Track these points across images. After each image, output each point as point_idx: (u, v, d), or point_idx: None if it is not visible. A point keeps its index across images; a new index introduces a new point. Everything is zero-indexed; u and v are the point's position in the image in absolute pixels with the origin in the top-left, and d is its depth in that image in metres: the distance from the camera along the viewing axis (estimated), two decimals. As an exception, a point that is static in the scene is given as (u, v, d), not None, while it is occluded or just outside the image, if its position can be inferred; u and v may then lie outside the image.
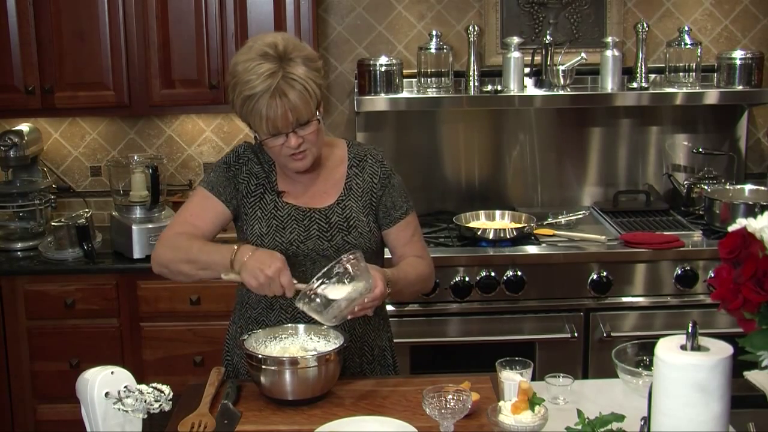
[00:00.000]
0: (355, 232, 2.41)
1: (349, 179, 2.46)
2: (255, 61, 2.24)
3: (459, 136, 4.10)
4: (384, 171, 2.48)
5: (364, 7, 4.06)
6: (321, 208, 2.43)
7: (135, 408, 1.96)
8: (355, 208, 2.44)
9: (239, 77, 2.25)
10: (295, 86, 2.23)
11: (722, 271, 1.65)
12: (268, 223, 2.41)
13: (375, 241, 2.46)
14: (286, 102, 2.23)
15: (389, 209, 2.47)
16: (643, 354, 2.26)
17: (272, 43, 2.26)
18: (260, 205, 2.43)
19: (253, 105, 2.24)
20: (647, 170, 4.16)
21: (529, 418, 1.94)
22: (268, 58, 2.24)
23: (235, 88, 2.27)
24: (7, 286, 3.60)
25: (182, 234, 2.39)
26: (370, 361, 2.52)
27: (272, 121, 2.24)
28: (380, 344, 2.55)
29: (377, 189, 2.46)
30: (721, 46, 4.09)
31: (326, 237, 2.40)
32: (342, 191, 2.45)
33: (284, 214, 2.42)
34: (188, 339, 3.62)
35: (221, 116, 4.12)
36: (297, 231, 2.40)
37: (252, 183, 2.44)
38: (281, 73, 2.22)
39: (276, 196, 2.43)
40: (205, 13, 3.71)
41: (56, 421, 3.63)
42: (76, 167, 4.19)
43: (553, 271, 3.52)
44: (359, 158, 2.48)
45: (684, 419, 1.64)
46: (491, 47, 4.05)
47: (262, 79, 2.22)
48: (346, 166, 2.48)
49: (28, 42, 3.70)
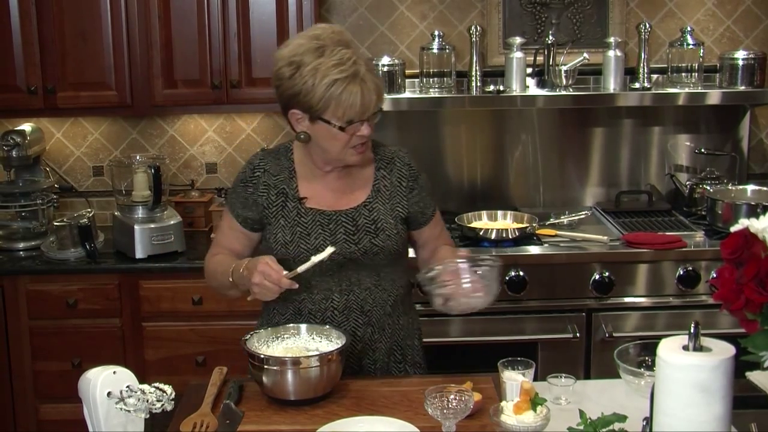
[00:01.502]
0: (383, 235, 2.40)
1: (378, 181, 2.45)
2: (331, 49, 2.23)
3: (461, 137, 4.10)
4: (412, 173, 2.49)
5: (367, 7, 4.06)
6: (347, 210, 2.42)
7: (137, 408, 1.96)
8: (383, 210, 2.43)
9: (322, 63, 2.23)
10: (373, 72, 2.29)
11: (724, 272, 1.65)
12: (292, 231, 2.40)
13: (401, 242, 2.46)
14: (371, 87, 2.25)
15: (422, 210, 2.49)
16: (645, 354, 2.26)
17: (339, 31, 2.29)
18: (283, 213, 2.42)
19: (342, 89, 2.23)
20: (649, 170, 4.16)
21: (531, 419, 1.94)
22: (343, 44, 2.26)
23: (315, 71, 2.23)
24: (10, 286, 3.60)
25: (215, 256, 2.51)
26: (398, 360, 2.52)
27: (363, 105, 2.25)
28: (410, 343, 2.55)
29: (405, 191, 2.47)
30: (724, 46, 4.09)
31: (353, 240, 2.39)
32: (370, 193, 2.44)
33: (308, 220, 2.41)
34: (190, 339, 3.62)
35: (223, 116, 4.12)
36: (323, 236, 2.39)
37: (272, 194, 2.44)
38: (355, 58, 2.25)
39: (298, 203, 2.42)
40: (207, 13, 3.71)
41: (58, 420, 3.63)
42: (78, 167, 4.19)
43: (555, 272, 3.52)
44: (387, 160, 2.48)
45: (686, 420, 1.64)
46: (493, 47, 4.05)
47: (348, 65, 2.22)
48: (373, 167, 2.47)
49: (30, 42, 3.70)
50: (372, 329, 2.45)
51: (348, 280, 2.42)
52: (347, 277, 2.42)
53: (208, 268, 2.52)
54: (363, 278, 2.43)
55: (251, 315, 3.42)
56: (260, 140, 4.13)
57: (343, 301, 2.42)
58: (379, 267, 2.43)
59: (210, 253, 2.54)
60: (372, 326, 2.45)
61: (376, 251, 2.39)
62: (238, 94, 3.77)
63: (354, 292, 2.42)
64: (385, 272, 2.45)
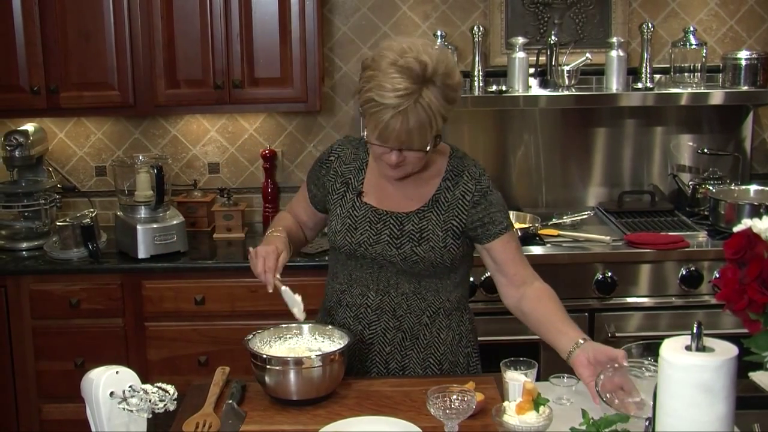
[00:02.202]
0: (426, 245, 2.36)
1: (439, 192, 2.40)
2: (399, 72, 2.17)
3: (463, 137, 4.10)
4: (479, 189, 2.41)
5: (369, 8, 4.06)
6: (399, 213, 2.40)
7: (140, 408, 1.96)
8: (434, 221, 2.38)
9: (377, 77, 2.19)
10: (421, 115, 2.18)
11: (727, 272, 1.65)
12: (343, 222, 2.42)
13: (449, 257, 2.39)
14: (406, 125, 2.18)
15: (486, 224, 2.39)
16: (648, 354, 2.25)
17: (424, 63, 2.17)
18: (341, 203, 2.45)
19: (375, 111, 2.19)
20: (652, 171, 4.15)
21: (533, 419, 1.94)
22: (412, 75, 2.17)
23: (369, 80, 2.21)
24: (13, 286, 3.61)
25: (284, 213, 2.67)
26: (436, 374, 2.46)
27: (385, 134, 2.21)
28: (452, 359, 2.49)
29: (468, 206, 2.39)
30: (727, 46, 4.09)
31: (395, 244, 2.37)
32: (427, 202, 2.40)
33: (360, 214, 2.42)
34: (193, 339, 3.62)
35: (226, 116, 4.12)
36: (368, 233, 2.39)
37: (338, 182, 2.47)
38: (416, 96, 2.17)
39: (356, 196, 2.43)
40: (210, 13, 3.71)
41: (61, 420, 3.63)
42: (81, 167, 4.19)
43: (557, 272, 3.51)
44: (456, 172, 2.42)
45: (689, 420, 1.63)
46: (496, 47, 4.04)
47: (397, 95, 2.16)
48: (441, 178, 2.42)
49: (33, 42, 3.70)
50: (403, 335, 2.43)
51: (386, 282, 2.41)
52: (386, 278, 2.41)
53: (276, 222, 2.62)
54: (402, 283, 2.41)
55: (254, 315, 3.45)
56: (263, 140, 4.13)
57: (378, 301, 2.42)
58: (421, 276, 2.40)
59: (285, 209, 2.71)
60: (403, 332, 2.43)
61: (416, 260, 2.36)
62: (240, 94, 3.77)
63: (390, 295, 2.41)
64: (427, 282, 2.41)
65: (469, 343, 2.54)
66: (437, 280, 2.42)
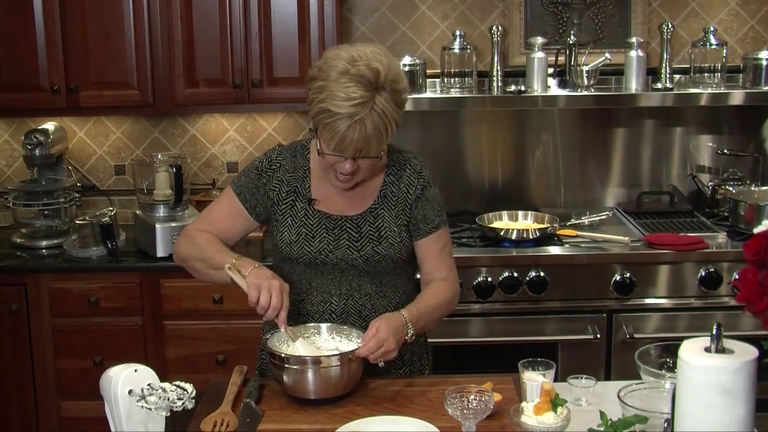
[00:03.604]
0: (385, 243, 2.39)
1: (385, 187, 2.43)
2: (351, 80, 2.17)
3: (482, 137, 4.09)
4: (421, 181, 2.44)
5: (388, 7, 4.06)
6: (353, 216, 2.41)
7: (158, 406, 1.97)
8: (387, 217, 2.41)
9: (329, 87, 2.19)
10: (377, 122, 2.20)
11: (747, 273, 1.64)
12: (297, 231, 2.40)
13: (406, 251, 2.43)
14: (363, 133, 2.19)
15: (419, 222, 2.43)
16: (667, 356, 2.24)
17: (376, 70, 2.18)
18: (291, 212, 2.42)
19: (330, 121, 2.19)
20: (671, 171, 4.14)
21: (551, 420, 1.93)
22: (365, 84, 2.18)
23: (320, 91, 2.21)
24: (32, 284, 3.63)
25: (204, 232, 2.42)
26: (398, 366, 2.49)
27: (341, 144, 2.21)
28: (412, 349, 2.51)
29: (411, 200, 2.42)
30: (747, 46, 4.06)
31: (356, 247, 2.38)
32: (376, 199, 2.42)
33: (314, 222, 2.40)
34: (211, 337, 3.63)
35: (244, 116, 4.13)
36: (326, 240, 2.39)
37: (283, 190, 2.43)
38: (370, 104, 2.18)
39: (307, 204, 2.42)
40: (229, 13, 3.72)
41: (80, 417, 3.65)
42: (100, 166, 4.21)
43: (576, 272, 3.51)
44: (398, 166, 2.44)
45: (708, 422, 1.63)
46: (515, 47, 4.04)
47: (352, 104, 2.17)
48: (384, 173, 2.44)
49: (54, 42, 3.73)
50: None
51: (348, 285, 2.41)
52: (348, 282, 2.41)
53: (192, 240, 2.43)
54: (364, 284, 2.42)
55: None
56: (281, 140, 4.13)
57: (342, 306, 2.42)
58: (382, 274, 2.42)
59: (195, 227, 2.46)
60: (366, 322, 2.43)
61: (378, 259, 2.38)
62: (259, 93, 3.78)
63: (353, 297, 2.42)
64: (388, 279, 2.44)
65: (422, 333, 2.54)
66: (396, 276, 2.45)
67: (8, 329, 3.64)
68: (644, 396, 2.00)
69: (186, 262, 2.46)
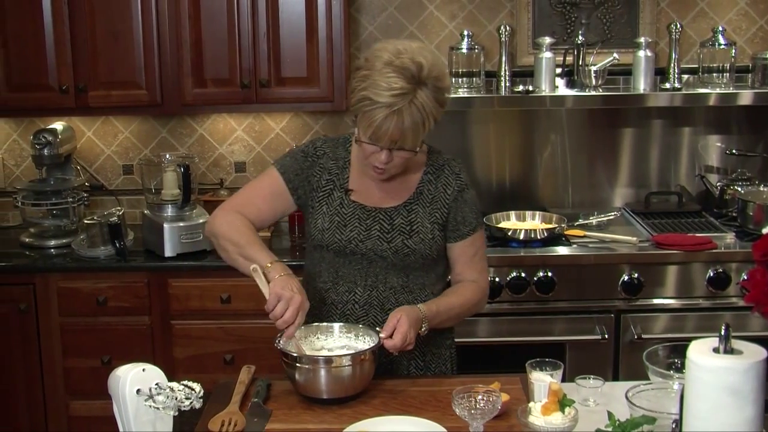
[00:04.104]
0: (416, 237, 2.40)
1: (422, 185, 2.45)
2: (394, 71, 2.21)
3: (490, 137, 4.09)
4: (459, 184, 2.46)
5: (396, 7, 4.06)
6: (386, 208, 2.43)
7: (166, 405, 1.97)
8: (421, 213, 2.43)
9: (372, 76, 2.22)
10: (415, 115, 2.22)
11: (756, 274, 1.64)
12: (330, 219, 2.42)
13: (436, 249, 2.44)
14: (400, 125, 2.22)
15: (458, 224, 2.45)
16: (675, 356, 2.24)
17: (419, 64, 2.22)
18: (327, 200, 2.44)
19: (369, 110, 2.22)
20: (679, 171, 4.13)
21: (559, 420, 1.93)
22: (407, 76, 2.21)
23: (364, 80, 2.24)
24: (41, 283, 3.64)
25: (242, 216, 2.41)
26: (420, 367, 2.50)
27: (377, 133, 2.24)
28: (436, 352, 2.52)
29: (449, 201, 2.45)
30: (756, 46, 4.05)
31: (386, 238, 2.40)
32: (412, 195, 2.44)
33: (348, 211, 2.43)
34: (219, 337, 3.64)
35: (252, 115, 4.13)
36: (358, 229, 2.41)
37: (324, 178, 2.46)
38: (411, 96, 2.21)
39: (344, 194, 2.44)
40: (237, 13, 3.72)
41: (88, 417, 3.66)
42: (108, 165, 4.22)
43: (583, 272, 3.50)
44: (437, 167, 2.47)
45: (716, 423, 1.63)
46: (523, 47, 4.03)
47: (392, 93, 2.20)
48: (422, 172, 2.46)
49: (62, 42, 3.73)
50: None
51: (374, 277, 2.43)
52: (374, 273, 2.42)
53: (231, 219, 2.41)
54: (390, 277, 2.43)
55: (279, 314, 3.44)
56: (289, 140, 4.14)
57: (366, 296, 2.43)
58: (410, 269, 2.43)
59: (234, 205, 2.46)
60: None
61: (407, 252, 2.39)
62: (267, 93, 3.78)
63: (378, 289, 2.43)
64: (415, 275, 2.44)
65: (449, 335, 2.58)
66: (424, 273, 2.46)
67: (17, 328, 3.65)
68: (652, 396, 2.00)
69: (217, 239, 2.42)
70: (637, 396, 1.98)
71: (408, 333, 2.25)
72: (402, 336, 2.23)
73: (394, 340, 2.23)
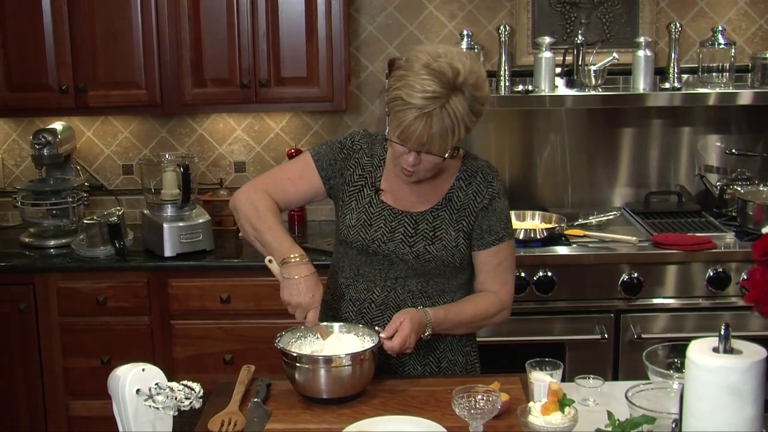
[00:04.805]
0: (439, 244, 2.39)
1: (452, 191, 2.43)
2: (430, 74, 2.18)
3: (489, 136, 4.09)
4: (490, 192, 2.43)
5: (395, 7, 4.06)
6: (413, 212, 2.42)
7: (166, 405, 1.97)
8: (447, 219, 2.41)
9: (408, 77, 2.21)
10: (445, 121, 2.19)
11: (756, 274, 1.64)
12: (357, 217, 2.42)
13: (459, 257, 2.42)
14: (428, 128, 2.19)
15: (483, 232, 2.42)
16: (675, 356, 2.24)
17: (456, 70, 2.19)
18: (357, 197, 2.44)
19: (400, 110, 2.20)
20: (679, 171, 4.13)
21: (558, 420, 1.93)
22: (443, 81, 2.18)
23: (399, 80, 2.23)
24: (40, 283, 3.64)
25: (269, 194, 2.41)
26: (434, 372, 2.49)
27: (405, 133, 2.22)
28: (451, 358, 2.52)
29: (477, 209, 2.42)
30: (756, 45, 4.05)
31: (409, 242, 2.39)
32: (440, 201, 2.43)
33: (376, 211, 2.42)
34: (218, 337, 3.64)
35: (252, 115, 4.13)
36: (382, 230, 2.40)
37: (356, 173, 2.45)
38: (443, 101, 2.18)
39: (374, 193, 2.44)
40: (236, 13, 3.72)
41: (88, 417, 3.66)
42: (108, 165, 4.22)
43: (583, 272, 3.50)
44: (469, 173, 2.45)
45: (716, 422, 1.63)
46: (522, 47, 4.03)
47: (424, 96, 2.17)
48: (454, 178, 2.45)
49: (62, 42, 3.73)
50: None
51: (394, 279, 2.42)
52: (394, 275, 2.42)
53: (257, 200, 2.41)
54: (410, 281, 2.42)
55: (279, 313, 3.43)
56: (289, 139, 4.14)
57: (383, 297, 2.43)
58: (430, 275, 2.42)
59: (265, 184, 2.46)
60: None
61: (429, 258, 2.38)
62: (266, 93, 3.78)
63: (396, 291, 2.43)
64: (435, 281, 2.43)
65: (468, 343, 2.56)
66: (445, 280, 2.44)
67: (16, 328, 3.65)
68: (652, 396, 2.00)
69: (239, 216, 2.44)
70: (637, 396, 1.98)
71: (408, 337, 2.25)
72: (402, 340, 2.24)
73: (392, 343, 2.24)
